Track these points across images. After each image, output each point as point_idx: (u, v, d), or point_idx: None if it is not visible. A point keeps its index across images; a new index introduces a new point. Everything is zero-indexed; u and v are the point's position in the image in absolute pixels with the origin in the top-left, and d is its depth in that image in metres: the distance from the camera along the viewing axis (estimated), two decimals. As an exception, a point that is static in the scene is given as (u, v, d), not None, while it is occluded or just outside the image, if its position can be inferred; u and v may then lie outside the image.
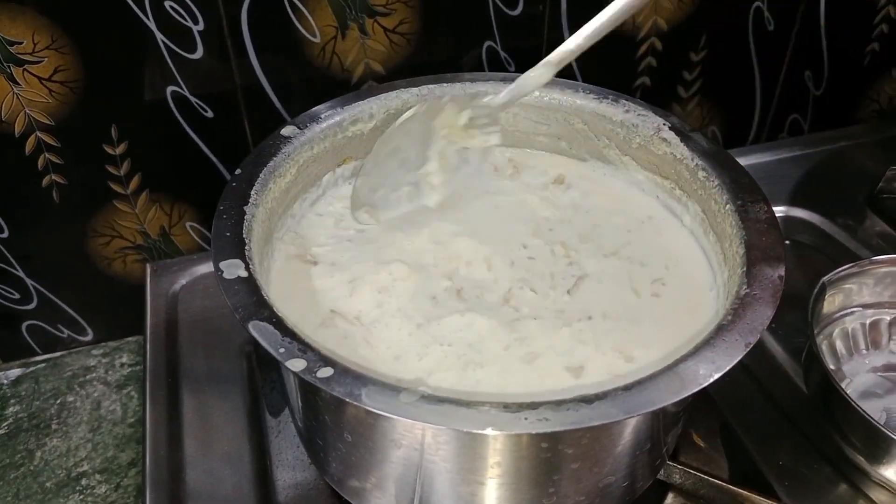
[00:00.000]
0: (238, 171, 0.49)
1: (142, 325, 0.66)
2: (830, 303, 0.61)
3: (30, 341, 0.74)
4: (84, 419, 0.65)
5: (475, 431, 0.36)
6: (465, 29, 0.72)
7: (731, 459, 0.55)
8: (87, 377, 0.69)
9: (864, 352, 0.62)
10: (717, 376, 0.38)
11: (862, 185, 0.79)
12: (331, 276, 0.51)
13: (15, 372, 0.70)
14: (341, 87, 0.70)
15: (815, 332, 0.58)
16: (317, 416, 0.45)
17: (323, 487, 0.53)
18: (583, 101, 0.58)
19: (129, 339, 0.73)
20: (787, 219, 0.76)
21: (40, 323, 0.73)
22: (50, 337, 0.74)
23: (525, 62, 0.75)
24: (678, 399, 0.37)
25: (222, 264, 0.42)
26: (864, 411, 0.50)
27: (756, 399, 0.60)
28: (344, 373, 0.37)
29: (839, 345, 0.61)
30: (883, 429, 0.50)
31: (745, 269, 0.44)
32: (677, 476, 0.52)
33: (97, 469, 0.62)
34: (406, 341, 0.47)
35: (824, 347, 0.61)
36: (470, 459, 0.41)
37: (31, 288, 0.71)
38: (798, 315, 0.58)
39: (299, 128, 0.54)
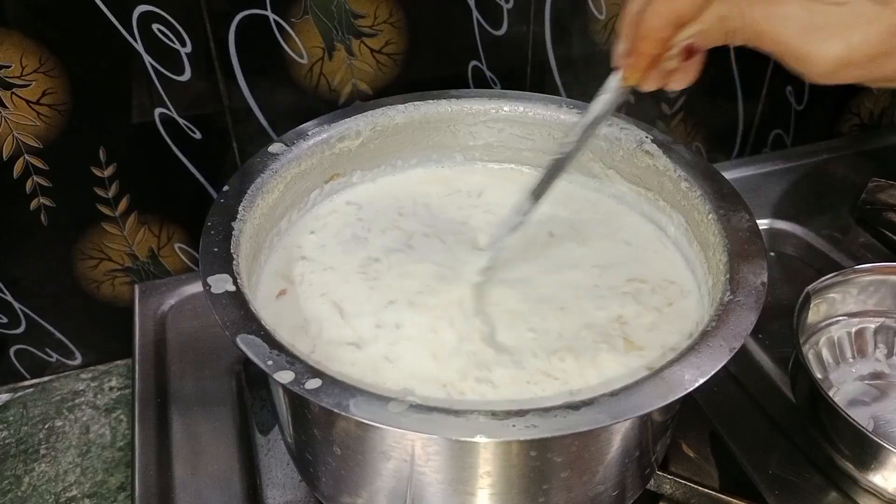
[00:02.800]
0: (226, 188, 0.50)
1: (130, 347, 0.65)
2: (815, 312, 0.61)
3: (18, 366, 0.73)
4: (73, 443, 0.65)
5: (463, 439, 0.36)
6: (451, 49, 0.72)
7: (720, 469, 0.55)
8: (76, 401, 0.69)
9: (851, 360, 0.62)
10: (702, 381, 0.38)
11: (845, 196, 0.80)
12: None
13: (3, 397, 0.70)
14: (328, 107, 0.70)
15: (801, 341, 0.58)
16: (306, 430, 0.45)
17: (313, 504, 0.53)
18: (566, 116, 0.59)
19: (118, 362, 0.73)
20: (772, 231, 0.76)
21: (28, 347, 0.72)
22: (38, 361, 0.73)
23: (510, 81, 0.77)
24: (665, 404, 0.37)
25: (210, 279, 0.43)
26: (852, 419, 0.51)
27: (744, 408, 0.60)
28: (332, 384, 0.37)
29: (825, 353, 0.62)
30: (871, 436, 0.50)
31: (728, 276, 0.45)
32: (667, 486, 0.52)
33: (86, 494, 0.61)
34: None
35: (811, 356, 0.61)
36: (459, 469, 0.41)
37: (19, 312, 0.70)
38: (784, 325, 0.58)
39: (287, 145, 0.54)
